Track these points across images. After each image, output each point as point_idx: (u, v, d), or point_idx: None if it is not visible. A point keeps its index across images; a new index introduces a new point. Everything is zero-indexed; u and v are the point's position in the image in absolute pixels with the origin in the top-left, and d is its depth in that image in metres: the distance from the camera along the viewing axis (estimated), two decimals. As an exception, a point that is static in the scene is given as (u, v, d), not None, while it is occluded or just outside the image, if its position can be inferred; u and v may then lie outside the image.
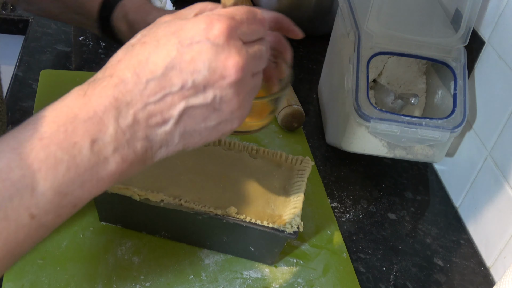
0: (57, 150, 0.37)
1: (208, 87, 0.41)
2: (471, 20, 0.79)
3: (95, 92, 0.39)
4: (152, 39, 0.41)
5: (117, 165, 0.39)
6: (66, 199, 0.38)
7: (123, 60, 0.41)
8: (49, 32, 1.04)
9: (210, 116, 0.42)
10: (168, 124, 0.41)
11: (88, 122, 0.38)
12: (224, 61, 0.40)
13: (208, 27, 0.40)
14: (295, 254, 0.72)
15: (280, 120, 0.90)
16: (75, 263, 0.64)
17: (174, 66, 0.40)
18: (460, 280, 0.74)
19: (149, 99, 0.40)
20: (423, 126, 0.77)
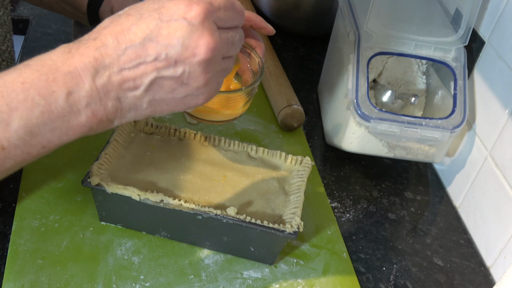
0: (36, 95, 0.42)
1: (179, 62, 0.45)
2: (471, 20, 0.79)
3: (79, 51, 0.44)
4: (136, 12, 0.45)
5: (87, 118, 0.44)
6: (36, 139, 0.43)
7: (107, 27, 0.45)
8: (49, 32, 1.04)
9: (178, 88, 0.46)
10: (138, 89, 0.45)
11: (68, 75, 0.43)
12: (196, 40, 0.45)
13: (187, 8, 0.44)
14: (295, 254, 0.72)
15: (280, 120, 0.90)
16: (75, 263, 0.64)
17: (152, 38, 0.44)
18: (460, 280, 0.74)
19: (124, 64, 0.44)
20: (423, 126, 0.77)
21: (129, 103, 0.46)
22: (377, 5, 0.78)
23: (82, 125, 0.44)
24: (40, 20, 1.06)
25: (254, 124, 0.92)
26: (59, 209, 0.70)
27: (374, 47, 0.80)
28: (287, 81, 0.96)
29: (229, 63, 0.49)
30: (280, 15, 1.16)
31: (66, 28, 1.06)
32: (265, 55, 1.01)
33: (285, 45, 1.16)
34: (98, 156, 0.68)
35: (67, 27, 1.06)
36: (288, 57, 1.12)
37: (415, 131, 0.77)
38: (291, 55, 1.13)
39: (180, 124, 0.88)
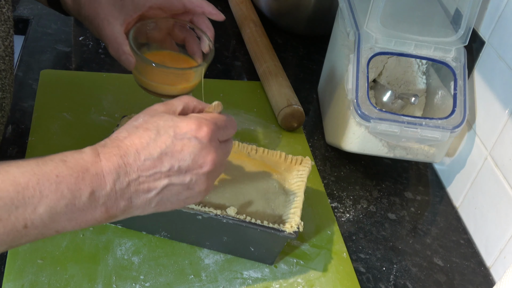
0: (65, 189, 0.48)
1: (188, 172, 0.53)
2: (471, 20, 0.79)
3: (105, 156, 0.50)
4: (153, 128, 0.53)
5: (101, 213, 0.50)
6: (54, 224, 0.48)
7: (128, 137, 0.52)
8: (49, 32, 1.04)
9: (183, 192, 0.54)
10: (151, 193, 0.52)
11: (95, 177, 0.49)
12: (205, 156, 0.53)
13: (197, 128, 0.53)
14: (295, 254, 0.72)
15: (280, 120, 0.90)
16: (75, 263, 0.64)
17: (167, 152, 0.52)
18: (460, 280, 0.74)
19: (143, 173, 0.51)
20: (423, 126, 0.77)
21: (139, 203, 0.53)
22: (377, 5, 0.78)
23: (95, 219, 0.50)
24: (40, 20, 1.06)
25: (254, 124, 0.92)
26: (59, 209, 0.70)
27: (374, 47, 0.80)
28: (287, 81, 0.96)
29: (223, 169, 0.58)
30: (280, 15, 1.16)
31: (66, 28, 1.06)
32: (265, 55, 1.01)
33: (285, 45, 1.16)
34: (98, 156, 0.68)
35: (67, 27, 1.06)
36: (288, 57, 1.12)
37: (415, 131, 0.77)
38: (291, 55, 1.13)
39: (180, 124, 0.87)
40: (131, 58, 0.70)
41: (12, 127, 0.82)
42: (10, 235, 0.46)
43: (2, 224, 0.45)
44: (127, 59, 0.70)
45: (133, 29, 0.71)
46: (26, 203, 0.46)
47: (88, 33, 1.05)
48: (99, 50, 1.01)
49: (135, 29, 0.72)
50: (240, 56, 1.10)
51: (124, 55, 0.70)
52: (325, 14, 1.13)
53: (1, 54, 0.62)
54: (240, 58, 1.09)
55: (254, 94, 0.99)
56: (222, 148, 0.56)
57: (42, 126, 0.82)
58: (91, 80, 0.93)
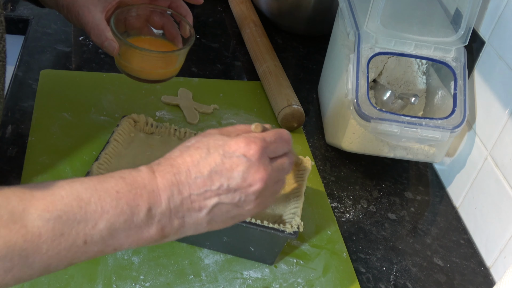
0: (124, 205, 0.49)
1: (237, 191, 0.53)
2: (471, 20, 0.79)
3: (160, 174, 0.52)
4: (204, 146, 0.53)
5: (156, 231, 0.51)
6: (112, 241, 0.49)
7: (180, 156, 0.53)
8: (49, 32, 1.04)
9: (232, 210, 0.54)
10: (202, 212, 0.53)
11: (151, 193, 0.50)
12: (254, 174, 0.53)
13: (246, 147, 0.53)
14: (295, 254, 0.72)
15: (280, 120, 0.90)
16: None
17: (217, 171, 0.52)
18: (460, 280, 0.74)
19: (194, 191, 0.52)
20: (423, 126, 0.77)
21: (192, 222, 0.53)
22: (377, 5, 0.78)
23: (150, 237, 0.51)
24: (40, 20, 1.06)
25: (254, 124, 0.92)
26: (59, 209, 0.70)
27: (374, 47, 0.80)
28: (287, 81, 0.96)
29: (280, 185, 0.58)
30: (280, 15, 1.16)
31: (66, 28, 1.06)
32: (265, 55, 1.01)
33: (285, 45, 1.16)
34: (98, 156, 0.68)
35: (67, 27, 1.06)
36: (288, 57, 1.12)
37: (415, 131, 0.77)
38: (291, 55, 1.13)
39: (180, 124, 0.88)
40: (114, 44, 0.70)
41: (12, 127, 0.82)
42: (70, 251, 0.46)
43: (64, 239, 0.46)
44: (110, 45, 0.70)
45: (114, 15, 0.72)
46: (88, 219, 0.47)
47: (88, 33, 1.05)
48: (99, 50, 1.01)
49: (115, 15, 0.72)
50: (240, 56, 1.10)
51: (107, 41, 0.70)
52: (325, 14, 1.13)
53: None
54: (240, 58, 1.09)
55: (254, 94, 0.99)
56: (275, 165, 0.56)
57: (42, 126, 0.82)
58: (91, 80, 0.93)
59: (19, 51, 0.99)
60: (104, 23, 0.71)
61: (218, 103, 0.94)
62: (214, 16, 1.20)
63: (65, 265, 0.47)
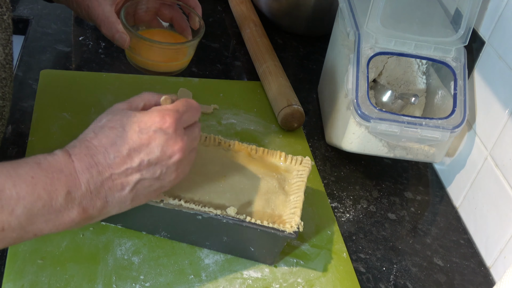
0: (41, 190, 0.48)
1: (158, 164, 0.54)
2: (471, 20, 0.79)
3: (77, 157, 0.51)
4: (118, 125, 0.53)
5: (78, 214, 0.51)
6: (31, 227, 0.49)
7: (95, 138, 0.53)
8: (49, 32, 1.04)
9: (154, 184, 0.56)
10: (125, 190, 0.54)
11: (69, 177, 0.50)
12: (172, 146, 0.54)
13: (161, 120, 0.53)
14: (295, 254, 0.72)
15: (280, 120, 0.90)
16: (75, 263, 0.64)
17: (135, 148, 0.53)
18: (460, 280, 0.74)
19: (114, 170, 0.52)
20: (423, 126, 0.77)
21: (115, 201, 0.54)
22: (377, 5, 0.78)
23: (72, 220, 0.51)
24: (40, 20, 1.06)
25: (254, 124, 0.92)
26: (59, 209, 0.70)
27: (374, 47, 0.80)
28: (287, 81, 0.96)
29: (194, 154, 0.60)
30: (280, 15, 1.16)
31: (66, 28, 1.06)
32: (265, 55, 1.01)
33: (285, 45, 1.16)
34: (98, 156, 0.68)
35: (67, 27, 1.06)
36: (288, 57, 1.12)
37: (415, 131, 0.77)
38: (291, 55, 1.13)
39: (180, 124, 0.88)
40: (125, 36, 0.71)
41: (12, 127, 0.82)
42: None
43: None
44: (121, 37, 0.71)
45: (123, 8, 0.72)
46: (3, 206, 0.47)
47: (88, 33, 1.05)
48: (99, 50, 1.01)
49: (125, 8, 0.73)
50: (240, 56, 1.10)
51: (118, 33, 0.71)
52: (325, 14, 1.13)
53: (2, 62, 0.62)
54: (240, 58, 1.09)
55: (254, 94, 0.99)
56: (189, 134, 0.57)
57: (42, 126, 0.82)
58: (91, 80, 0.93)
59: (19, 51, 0.99)
60: (114, 16, 0.71)
61: (218, 103, 0.94)
62: (214, 16, 1.20)
63: None
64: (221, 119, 0.91)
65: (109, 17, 0.71)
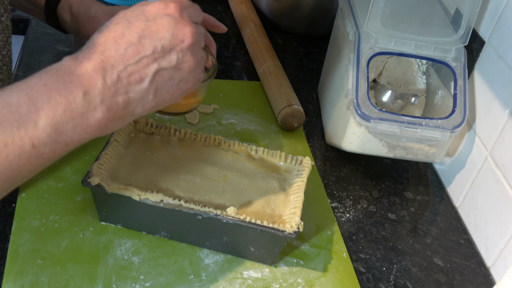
0: (57, 95, 0.46)
1: (172, 50, 0.52)
2: (471, 20, 0.79)
3: (85, 57, 0.49)
4: (123, 20, 0.52)
5: (103, 114, 0.49)
6: (61, 136, 0.47)
7: (101, 36, 0.51)
8: (49, 32, 1.04)
9: (174, 75, 0.54)
10: (144, 82, 0.51)
11: (82, 77, 0.48)
12: (182, 29, 0.53)
13: (165, 6, 0.53)
14: (295, 254, 0.72)
15: (280, 120, 0.90)
16: (75, 263, 0.64)
17: (145, 35, 0.51)
18: (460, 280, 0.74)
19: (128, 61, 0.50)
20: (423, 126, 0.77)
21: (137, 97, 0.52)
22: (377, 5, 0.78)
23: (99, 121, 0.49)
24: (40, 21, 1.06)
25: (254, 124, 0.92)
26: (59, 209, 0.70)
27: (374, 47, 0.80)
28: (287, 81, 0.96)
29: (204, 52, 0.58)
30: (280, 15, 1.16)
31: (66, 28, 1.06)
32: (265, 55, 1.01)
33: (285, 45, 1.16)
34: (98, 156, 0.68)
35: (67, 27, 1.06)
36: (288, 57, 1.12)
37: (415, 131, 0.77)
38: (291, 55, 1.13)
39: (180, 124, 0.88)
40: None
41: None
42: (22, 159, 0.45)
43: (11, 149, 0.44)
44: None
45: None
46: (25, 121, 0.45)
47: (88, 33, 1.05)
48: (99, 50, 1.01)
49: None
50: (240, 56, 1.10)
51: None
52: (325, 14, 1.13)
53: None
54: (240, 58, 1.09)
55: (254, 94, 0.99)
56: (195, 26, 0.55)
57: (42, 126, 0.82)
58: (91, 80, 0.93)
59: (19, 51, 0.99)
60: None
61: (218, 103, 0.94)
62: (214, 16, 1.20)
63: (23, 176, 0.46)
64: (221, 119, 0.91)
65: None
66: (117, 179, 0.67)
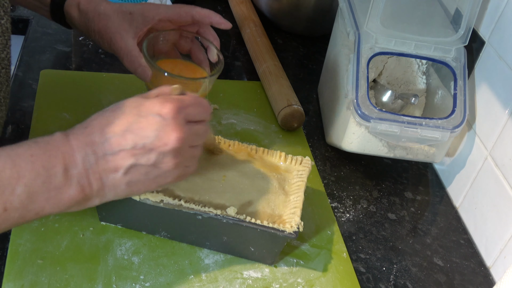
0: (40, 167, 0.50)
1: (153, 150, 0.53)
2: (471, 20, 0.79)
3: (74, 136, 0.53)
4: (119, 108, 0.54)
5: (76, 192, 0.52)
6: (33, 205, 0.50)
7: (96, 119, 0.54)
8: (49, 32, 1.04)
9: (151, 171, 0.55)
10: (118, 172, 0.54)
11: (66, 154, 0.51)
12: (168, 133, 0.53)
13: (161, 105, 0.53)
14: (295, 254, 0.72)
15: (280, 120, 0.90)
16: (75, 263, 0.64)
17: (131, 130, 0.53)
18: (460, 280, 0.74)
19: (108, 150, 0.53)
20: (423, 126, 0.77)
21: (110, 184, 0.54)
22: (377, 5, 0.78)
23: (71, 198, 0.52)
24: (40, 20, 1.06)
25: (254, 124, 0.92)
26: (59, 209, 0.70)
27: (374, 47, 0.80)
28: (287, 81, 0.96)
29: (197, 150, 0.58)
30: (280, 15, 1.16)
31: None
32: (265, 55, 1.01)
33: (285, 45, 1.16)
34: (98, 156, 0.68)
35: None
36: (288, 57, 1.12)
37: (415, 131, 0.77)
38: (291, 55, 1.13)
39: (180, 124, 0.87)
40: (148, 71, 0.71)
41: (12, 127, 0.82)
42: None
43: None
44: (144, 72, 0.70)
45: (145, 42, 0.72)
46: (5, 185, 0.48)
47: (88, 33, 1.05)
48: (99, 50, 1.01)
49: (147, 41, 0.72)
50: (240, 56, 1.10)
51: (141, 68, 0.71)
52: (325, 14, 1.13)
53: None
54: (240, 58, 1.09)
55: (254, 94, 0.99)
56: (191, 127, 0.56)
57: (42, 126, 0.82)
58: (91, 80, 0.93)
59: (19, 51, 0.99)
60: (137, 50, 0.71)
61: (218, 103, 0.94)
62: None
63: None
64: (221, 119, 0.91)
65: (132, 51, 0.70)
66: (117, 179, 0.67)
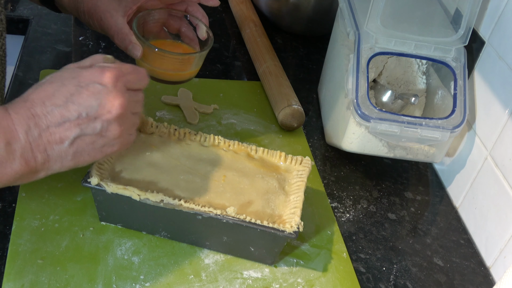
0: None
1: (97, 119, 0.54)
2: (471, 20, 0.79)
3: (14, 110, 0.52)
4: (57, 80, 0.54)
5: (20, 166, 0.52)
6: None
7: (34, 92, 0.54)
8: (49, 32, 1.04)
9: (97, 140, 0.55)
10: (64, 143, 0.54)
11: (7, 128, 0.51)
12: (111, 100, 0.54)
13: (100, 74, 0.54)
14: (295, 254, 0.72)
15: (280, 120, 0.90)
16: (75, 263, 0.64)
17: (73, 100, 0.53)
18: (460, 280, 0.74)
19: (51, 122, 0.52)
20: (423, 126, 0.77)
21: (55, 155, 0.54)
22: (377, 5, 0.78)
23: (16, 172, 0.52)
24: (40, 20, 1.06)
25: (254, 124, 0.92)
26: (59, 209, 0.70)
27: (374, 47, 0.80)
28: (287, 81, 0.96)
29: (136, 118, 0.59)
30: (280, 15, 1.16)
31: (66, 28, 1.06)
32: (265, 55, 1.01)
33: (285, 45, 1.16)
34: (98, 156, 0.68)
35: (67, 27, 1.06)
36: (288, 57, 1.12)
37: (415, 131, 0.77)
38: (291, 55, 1.13)
39: (180, 124, 0.88)
40: (138, 47, 0.72)
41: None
42: None
43: None
44: (134, 48, 0.72)
45: (135, 20, 0.74)
46: None
47: (88, 33, 1.05)
48: (99, 50, 1.01)
49: (137, 20, 0.74)
50: (240, 56, 1.10)
51: (131, 45, 0.72)
52: (325, 14, 1.13)
53: None
54: (240, 58, 1.09)
55: (254, 94, 0.99)
56: (132, 95, 0.56)
57: (42, 126, 0.82)
58: (91, 80, 0.93)
59: (19, 51, 0.99)
60: (127, 27, 0.72)
61: (218, 103, 0.94)
62: (214, 16, 1.20)
63: None
64: (221, 119, 0.91)
65: (122, 29, 0.72)
66: (117, 179, 0.67)
